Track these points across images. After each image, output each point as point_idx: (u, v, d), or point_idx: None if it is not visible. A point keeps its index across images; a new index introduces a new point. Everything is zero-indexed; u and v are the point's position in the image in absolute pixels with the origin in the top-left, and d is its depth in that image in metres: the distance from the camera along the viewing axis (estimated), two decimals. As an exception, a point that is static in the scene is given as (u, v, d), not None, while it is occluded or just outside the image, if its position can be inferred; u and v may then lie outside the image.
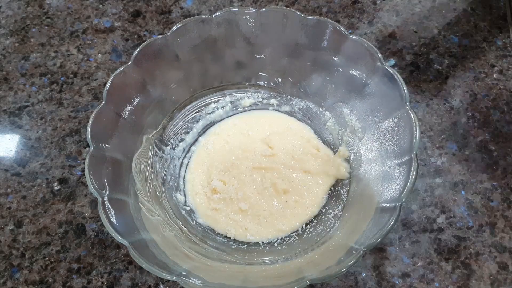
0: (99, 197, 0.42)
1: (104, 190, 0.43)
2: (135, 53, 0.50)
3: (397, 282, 0.51)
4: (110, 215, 0.41)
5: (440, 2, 0.72)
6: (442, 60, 0.66)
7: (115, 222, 0.41)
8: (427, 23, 0.70)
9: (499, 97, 0.63)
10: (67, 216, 0.54)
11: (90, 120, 0.45)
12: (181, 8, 0.72)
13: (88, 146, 0.45)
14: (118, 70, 0.48)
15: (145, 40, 0.58)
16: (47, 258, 0.52)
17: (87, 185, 0.43)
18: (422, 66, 0.66)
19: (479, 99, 0.63)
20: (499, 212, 0.55)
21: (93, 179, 0.43)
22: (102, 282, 0.50)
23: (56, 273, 0.51)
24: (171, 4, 0.72)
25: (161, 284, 0.50)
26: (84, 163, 0.44)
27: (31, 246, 0.53)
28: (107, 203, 0.42)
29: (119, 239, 0.40)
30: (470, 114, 0.62)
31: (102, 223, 0.41)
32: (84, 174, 0.45)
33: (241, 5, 0.72)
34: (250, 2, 0.73)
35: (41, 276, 0.51)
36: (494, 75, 0.65)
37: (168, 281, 0.50)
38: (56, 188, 0.56)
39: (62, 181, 0.57)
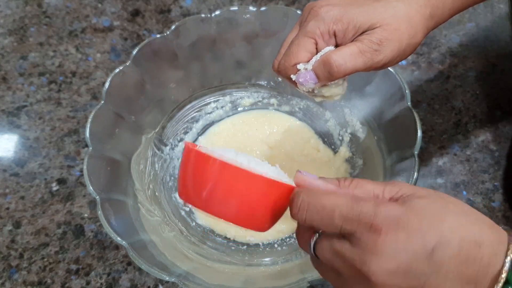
0: (98, 198, 0.41)
1: (103, 191, 0.43)
2: (134, 52, 0.49)
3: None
4: (109, 216, 0.41)
5: (441, 1, 0.72)
6: (444, 59, 0.66)
7: (114, 223, 0.41)
8: (428, 22, 0.69)
9: (500, 96, 0.63)
10: (66, 216, 0.54)
11: (89, 120, 0.45)
12: (181, 7, 0.72)
13: (86, 146, 0.45)
14: (117, 70, 0.48)
15: (144, 40, 0.58)
16: (45, 259, 0.52)
17: (85, 186, 0.43)
18: (423, 66, 0.65)
19: (481, 98, 0.63)
20: (501, 213, 0.54)
21: (92, 179, 0.42)
22: (101, 283, 0.50)
23: (54, 274, 0.51)
24: (170, 3, 0.72)
25: (160, 285, 0.50)
26: (82, 163, 0.44)
27: (29, 247, 0.52)
28: (106, 204, 0.42)
29: (118, 240, 0.40)
30: (472, 114, 0.61)
31: (101, 223, 0.41)
32: (82, 175, 0.45)
33: (241, 4, 0.72)
34: (250, 1, 0.72)
35: (39, 277, 0.51)
36: (496, 74, 0.64)
37: (167, 282, 0.50)
38: (54, 189, 0.56)
39: (61, 181, 0.57)
